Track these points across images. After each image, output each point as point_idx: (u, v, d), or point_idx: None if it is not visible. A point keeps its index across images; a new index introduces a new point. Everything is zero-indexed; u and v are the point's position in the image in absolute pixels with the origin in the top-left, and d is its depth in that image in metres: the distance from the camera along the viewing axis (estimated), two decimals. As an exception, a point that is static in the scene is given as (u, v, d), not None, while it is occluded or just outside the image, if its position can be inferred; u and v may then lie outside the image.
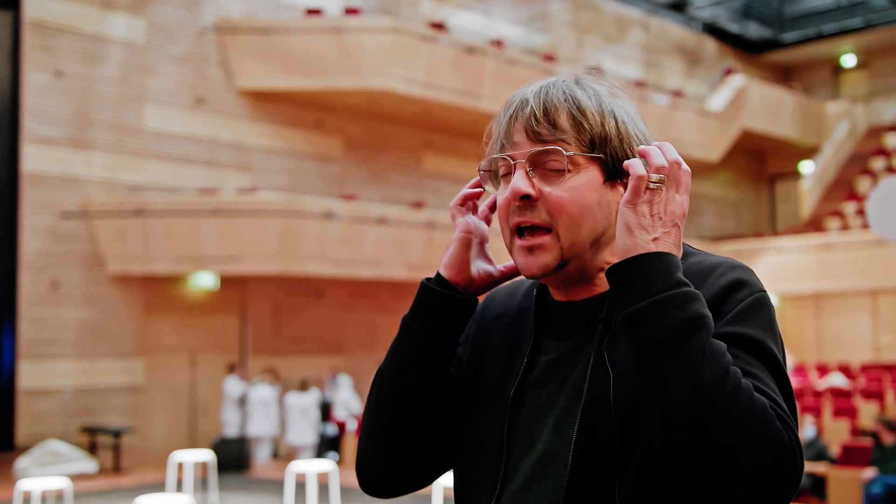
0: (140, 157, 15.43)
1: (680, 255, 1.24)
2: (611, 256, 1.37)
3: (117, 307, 14.98)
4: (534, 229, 1.33)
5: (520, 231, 1.35)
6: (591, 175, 1.33)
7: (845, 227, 21.53)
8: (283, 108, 17.03)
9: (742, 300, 1.27)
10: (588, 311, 1.37)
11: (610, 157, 1.33)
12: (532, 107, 1.33)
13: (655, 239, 1.22)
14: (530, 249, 1.33)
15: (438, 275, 1.44)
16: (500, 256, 1.45)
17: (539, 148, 1.32)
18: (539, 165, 1.33)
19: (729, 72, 24.81)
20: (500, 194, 1.38)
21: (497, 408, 1.40)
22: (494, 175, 1.41)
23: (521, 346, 1.43)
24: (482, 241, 1.47)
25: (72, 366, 14.47)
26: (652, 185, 1.23)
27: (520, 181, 1.32)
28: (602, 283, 1.38)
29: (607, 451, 1.26)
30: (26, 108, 14.45)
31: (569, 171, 1.32)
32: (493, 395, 1.42)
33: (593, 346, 1.33)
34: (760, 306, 1.28)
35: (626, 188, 1.34)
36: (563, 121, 1.32)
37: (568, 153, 1.31)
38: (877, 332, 19.70)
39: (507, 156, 1.35)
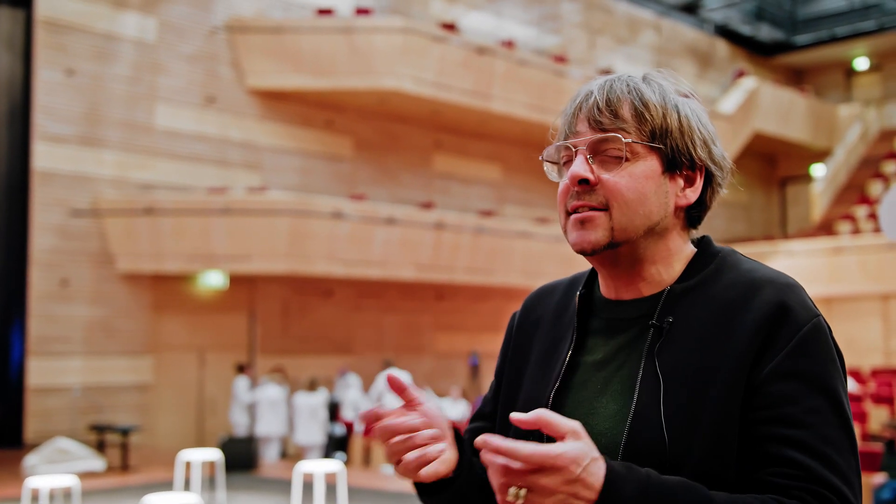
0: (150, 155, 15.45)
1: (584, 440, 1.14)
2: (666, 250, 1.38)
3: (126, 305, 15.00)
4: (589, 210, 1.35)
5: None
6: (649, 164, 1.35)
7: (857, 231, 21.42)
8: (293, 107, 17.03)
9: (800, 328, 1.26)
10: (637, 309, 1.37)
11: (670, 148, 1.35)
12: (596, 98, 1.37)
13: (585, 499, 1.12)
14: (582, 223, 1.34)
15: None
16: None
17: (599, 136, 1.34)
18: (599, 153, 1.35)
19: (741, 74, 24.72)
20: (561, 182, 1.39)
21: (537, 409, 1.39)
22: (557, 165, 1.43)
23: (562, 346, 1.44)
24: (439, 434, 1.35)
25: (80, 363, 14.50)
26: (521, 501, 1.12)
27: (579, 166, 1.34)
28: (652, 282, 1.38)
29: (656, 465, 1.23)
30: (37, 106, 14.49)
31: (627, 159, 1.34)
32: (534, 396, 1.42)
33: (642, 350, 1.33)
34: (820, 334, 1.28)
35: (685, 180, 1.37)
36: (626, 111, 1.35)
37: (627, 140, 1.33)
38: (888, 337, 19.59)
39: (569, 143, 1.38)
